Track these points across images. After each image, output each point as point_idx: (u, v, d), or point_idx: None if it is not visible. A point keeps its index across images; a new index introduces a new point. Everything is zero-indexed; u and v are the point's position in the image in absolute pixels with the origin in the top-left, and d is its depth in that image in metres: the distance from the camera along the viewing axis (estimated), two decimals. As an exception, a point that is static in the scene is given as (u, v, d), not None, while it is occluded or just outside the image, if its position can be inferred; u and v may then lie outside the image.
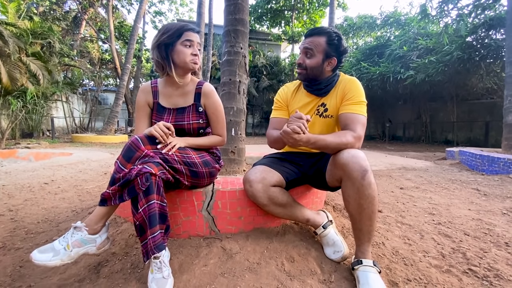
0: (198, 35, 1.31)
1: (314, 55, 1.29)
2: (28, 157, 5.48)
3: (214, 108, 1.37)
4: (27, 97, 8.45)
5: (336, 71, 1.37)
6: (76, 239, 0.98)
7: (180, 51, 1.24)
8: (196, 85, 1.36)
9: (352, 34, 15.30)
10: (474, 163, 4.12)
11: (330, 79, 1.34)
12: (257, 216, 1.41)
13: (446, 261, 1.25)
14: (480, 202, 2.31)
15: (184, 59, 1.25)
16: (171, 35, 1.23)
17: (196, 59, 1.27)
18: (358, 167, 1.03)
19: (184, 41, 1.24)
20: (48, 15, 14.89)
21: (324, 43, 1.28)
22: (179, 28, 1.25)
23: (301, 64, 1.32)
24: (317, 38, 1.29)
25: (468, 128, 10.92)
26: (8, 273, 1.16)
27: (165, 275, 0.99)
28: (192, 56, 1.26)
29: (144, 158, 1.04)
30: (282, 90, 1.53)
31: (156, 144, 1.12)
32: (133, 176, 0.96)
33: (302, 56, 1.33)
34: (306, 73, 1.33)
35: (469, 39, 7.86)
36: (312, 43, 1.29)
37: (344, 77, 1.37)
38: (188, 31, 1.25)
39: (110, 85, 19.91)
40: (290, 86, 1.54)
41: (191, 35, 1.25)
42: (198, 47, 1.29)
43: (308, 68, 1.31)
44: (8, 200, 2.23)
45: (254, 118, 18.39)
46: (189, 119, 1.32)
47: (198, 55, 1.28)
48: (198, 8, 9.57)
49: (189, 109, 1.33)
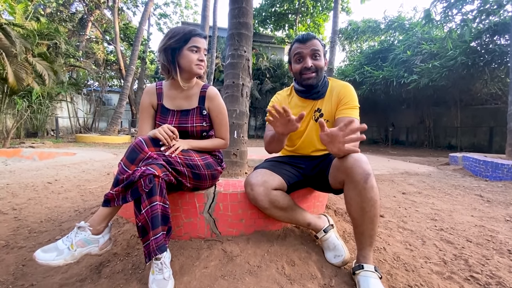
0: (205, 40, 1.32)
1: (321, 56, 1.33)
2: (32, 156, 5.54)
3: (218, 111, 1.37)
4: (33, 97, 8.58)
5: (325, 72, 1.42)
6: (79, 238, 0.99)
7: (186, 56, 1.25)
8: (200, 88, 1.37)
9: (356, 38, 15.33)
10: (478, 169, 4.09)
11: (324, 80, 1.39)
12: (258, 219, 1.41)
13: (448, 268, 1.24)
14: (483, 208, 2.29)
15: (190, 65, 1.26)
16: (178, 40, 1.24)
17: (202, 64, 1.29)
18: (361, 170, 1.03)
19: (191, 47, 1.25)
20: (55, 17, 15.10)
21: (321, 46, 1.34)
22: (186, 33, 1.25)
23: (311, 67, 1.31)
24: (315, 41, 1.33)
25: (472, 134, 10.85)
26: (11, 271, 1.17)
27: (166, 277, 1.00)
28: (198, 61, 1.27)
29: (148, 160, 1.05)
30: (275, 98, 1.55)
31: (160, 146, 1.13)
32: (137, 177, 0.97)
33: (308, 60, 1.32)
34: (317, 75, 1.34)
35: (473, 44, 7.84)
36: (316, 46, 1.32)
37: (336, 82, 1.40)
38: (195, 37, 1.26)
39: (114, 86, 20.11)
40: (282, 93, 1.56)
41: (198, 41, 1.26)
42: (204, 53, 1.30)
43: (319, 70, 1.33)
44: (12, 199, 2.25)
45: (256, 121, 18.42)
46: (193, 121, 1.33)
47: (204, 61, 1.29)
48: (203, 11, 9.67)
49: (193, 112, 1.34)
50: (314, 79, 1.33)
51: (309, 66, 1.31)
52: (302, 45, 1.33)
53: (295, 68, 1.37)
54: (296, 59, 1.36)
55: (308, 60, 1.32)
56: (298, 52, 1.34)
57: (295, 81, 1.46)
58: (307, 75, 1.33)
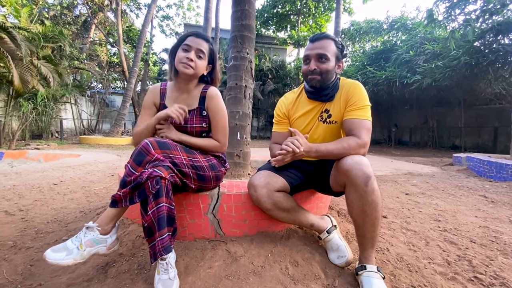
0: (205, 42, 1.31)
1: (329, 59, 1.28)
2: (37, 158, 5.60)
3: (215, 111, 1.35)
4: (38, 99, 8.66)
5: (337, 75, 1.38)
6: (88, 238, 1.00)
7: (177, 54, 1.28)
8: (201, 89, 1.37)
9: (359, 39, 15.30)
10: (482, 169, 4.07)
11: (335, 83, 1.34)
12: (262, 220, 1.42)
13: (452, 269, 1.24)
14: (488, 209, 2.28)
15: (177, 63, 1.27)
16: (178, 40, 1.28)
17: (189, 64, 1.25)
18: (361, 173, 1.04)
19: (183, 45, 1.27)
20: (59, 19, 15.24)
21: (334, 47, 1.30)
22: (185, 33, 1.30)
23: (316, 70, 1.28)
24: (327, 42, 1.29)
25: (476, 134, 10.76)
26: (19, 271, 1.19)
27: (171, 277, 1.01)
28: (185, 59, 1.25)
29: (154, 162, 1.06)
30: (281, 103, 1.50)
31: (166, 148, 1.13)
32: (144, 179, 0.99)
33: (314, 62, 1.29)
34: (322, 78, 1.29)
35: (477, 44, 7.78)
36: (324, 48, 1.28)
37: (346, 81, 1.36)
38: (191, 36, 1.28)
39: (118, 88, 20.23)
40: (289, 96, 1.51)
41: (191, 40, 1.27)
42: (199, 53, 1.28)
43: (324, 73, 1.28)
44: (18, 200, 2.28)
45: (259, 122, 18.43)
46: (192, 122, 1.33)
47: (194, 61, 1.26)
48: (205, 13, 9.72)
49: (193, 113, 1.34)
50: (318, 81, 1.29)
51: (312, 69, 1.28)
52: (310, 46, 1.31)
53: (303, 69, 1.35)
54: (304, 60, 1.34)
55: (313, 63, 1.29)
56: (306, 54, 1.32)
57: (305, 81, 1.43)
58: (311, 76, 1.30)
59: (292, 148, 1.10)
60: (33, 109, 8.67)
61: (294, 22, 19.34)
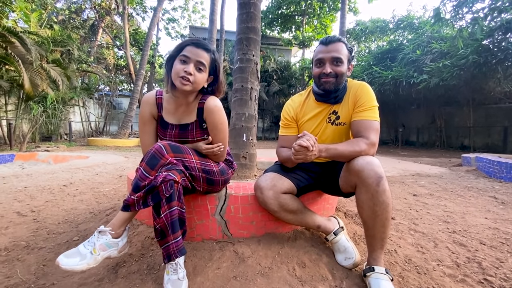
0: (205, 52, 1.17)
1: (343, 62, 1.27)
2: (47, 160, 5.71)
3: (213, 125, 1.26)
4: (47, 102, 8.86)
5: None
6: (101, 242, 1.01)
7: (174, 66, 1.15)
8: (199, 100, 1.26)
9: (364, 38, 15.19)
10: (492, 170, 4.00)
11: (344, 85, 1.34)
12: (269, 221, 1.43)
13: (461, 271, 1.23)
14: (498, 210, 2.24)
15: (174, 77, 1.14)
16: (176, 49, 1.16)
17: (186, 77, 1.12)
18: (373, 173, 1.04)
19: (180, 56, 1.14)
20: (67, 24, 15.57)
21: (346, 50, 1.30)
22: (184, 42, 1.17)
23: (331, 73, 1.26)
24: (340, 45, 1.28)
25: (485, 134, 10.55)
26: (32, 271, 1.22)
27: (181, 277, 1.03)
28: (183, 73, 1.11)
29: (168, 166, 1.07)
30: (289, 106, 1.48)
31: (179, 152, 1.13)
32: (159, 182, 0.99)
33: (329, 65, 1.27)
34: (336, 81, 1.28)
35: (485, 43, 7.64)
36: (339, 51, 1.26)
37: (353, 82, 1.36)
38: (189, 46, 1.14)
39: (125, 90, 20.47)
40: (296, 99, 1.49)
41: (189, 50, 1.13)
42: (199, 66, 1.15)
43: (339, 76, 1.27)
44: (30, 201, 2.34)
45: (264, 123, 18.43)
46: (193, 135, 1.28)
47: (193, 74, 1.13)
48: (210, 15, 9.79)
49: (193, 126, 1.27)
50: (332, 84, 1.28)
51: (327, 72, 1.26)
52: (324, 48, 1.28)
53: (315, 71, 1.33)
54: (317, 63, 1.32)
55: (328, 66, 1.27)
56: (319, 58, 1.29)
57: (314, 83, 1.40)
58: (325, 79, 1.28)
59: (306, 145, 1.06)
60: (43, 112, 8.87)
61: (299, 23, 19.30)
